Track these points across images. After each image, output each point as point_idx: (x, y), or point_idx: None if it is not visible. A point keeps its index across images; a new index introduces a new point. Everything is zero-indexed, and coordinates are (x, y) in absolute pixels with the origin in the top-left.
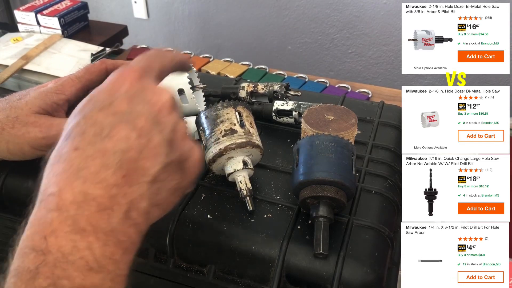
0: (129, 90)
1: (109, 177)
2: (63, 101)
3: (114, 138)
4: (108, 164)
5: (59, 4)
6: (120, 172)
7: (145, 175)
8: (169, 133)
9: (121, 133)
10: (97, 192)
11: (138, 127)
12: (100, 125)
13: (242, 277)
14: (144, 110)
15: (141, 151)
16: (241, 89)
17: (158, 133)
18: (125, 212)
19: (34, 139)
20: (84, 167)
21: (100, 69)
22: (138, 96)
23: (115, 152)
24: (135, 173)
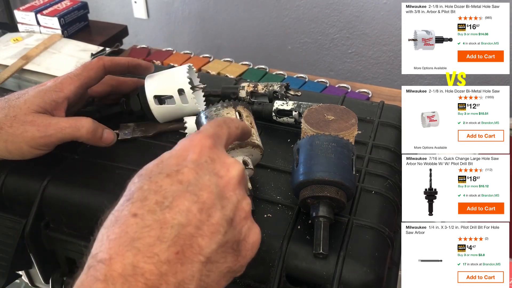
0: (199, 159)
1: (163, 252)
2: (62, 99)
3: (175, 209)
4: (164, 237)
5: (59, 4)
6: (175, 248)
7: (199, 254)
8: (231, 210)
9: (183, 204)
10: (147, 267)
11: (201, 201)
12: (163, 193)
13: (242, 277)
14: (210, 182)
15: (200, 227)
16: (241, 89)
17: (220, 209)
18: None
19: (32, 138)
20: (139, 238)
21: (98, 66)
22: (207, 166)
23: (173, 226)
24: (189, 251)
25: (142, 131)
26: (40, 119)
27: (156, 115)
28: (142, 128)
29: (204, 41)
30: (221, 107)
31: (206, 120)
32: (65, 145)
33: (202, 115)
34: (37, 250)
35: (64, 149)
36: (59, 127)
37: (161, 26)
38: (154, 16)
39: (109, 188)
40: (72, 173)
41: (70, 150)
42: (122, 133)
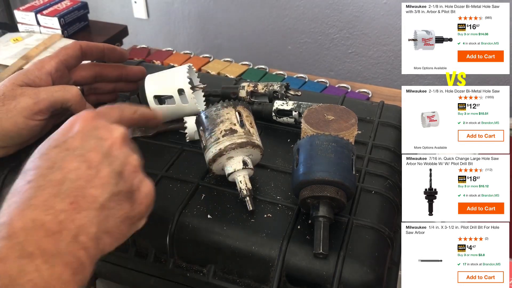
0: (83, 129)
1: (57, 204)
2: (45, 75)
3: (65, 169)
4: (57, 192)
5: (59, 4)
6: (68, 199)
7: (93, 203)
8: (119, 165)
9: (71, 165)
10: (46, 218)
11: (89, 160)
12: (52, 160)
13: (242, 277)
14: (96, 144)
15: (90, 181)
16: (241, 89)
17: (108, 165)
18: (74, 236)
19: (25, 107)
20: (34, 197)
21: (75, 45)
22: (90, 133)
23: (64, 182)
24: (83, 200)
25: (142, 131)
26: (29, 90)
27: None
28: (142, 128)
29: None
30: (221, 107)
31: (206, 120)
32: None
33: (202, 115)
34: None
35: None
36: (50, 91)
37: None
38: (154, 16)
39: None
40: None
41: None
42: None
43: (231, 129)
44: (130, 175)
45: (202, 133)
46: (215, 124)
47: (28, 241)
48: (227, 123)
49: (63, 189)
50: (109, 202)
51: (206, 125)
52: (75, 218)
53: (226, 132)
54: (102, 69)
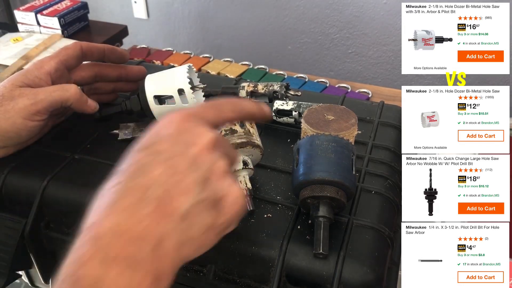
0: (172, 132)
1: (142, 210)
2: (44, 75)
3: (150, 175)
4: (142, 198)
5: (59, 4)
6: (152, 206)
7: (177, 210)
8: (204, 172)
9: (157, 170)
10: (130, 223)
11: (174, 166)
12: (140, 163)
13: (242, 277)
14: (182, 150)
15: (174, 188)
16: (241, 89)
17: (193, 172)
18: (156, 244)
19: (23, 108)
20: (120, 200)
21: (75, 46)
22: (179, 137)
23: (149, 187)
24: (166, 208)
25: (142, 131)
26: (27, 90)
27: (156, 115)
28: (142, 128)
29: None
30: None
31: None
32: (65, 145)
33: None
34: (37, 250)
35: (64, 149)
36: (48, 91)
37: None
38: (154, 16)
39: None
40: (72, 173)
41: (70, 150)
42: (122, 133)
43: (231, 129)
44: (216, 182)
45: None
46: None
47: (112, 246)
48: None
49: (147, 195)
50: (193, 210)
51: None
52: (158, 225)
53: (226, 132)
54: (102, 69)
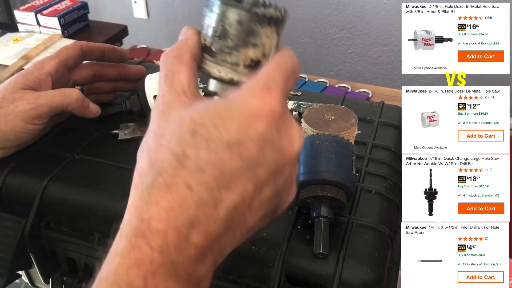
0: (267, 132)
1: (214, 229)
2: (45, 76)
3: (233, 189)
4: (218, 217)
5: (59, 4)
6: (225, 226)
7: (244, 227)
8: (282, 185)
9: (240, 184)
10: (199, 241)
11: (259, 179)
12: (222, 169)
13: (242, 277)
14: (271, 159)
15: (250, 205)
16: None
17: (273, 185)
18: (214, 260)
19: (24, 111)
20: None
21: (75, 46)
22: (272, 141)
23: (228, 207)
24: (236, 225)
25: (142, 131)
26: (28, 94)
27: None
28: (142, 128)
29: None
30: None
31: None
32: (65, 145)
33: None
34: (37, 250)
35: (64, 149)
36: (49, 96)
37: (161, 26)
38: (154, 16)
39: (109, 188)
40: (72, 173)
41: (70, 150)
42: (122, 133)
43: (259, 61)
44: (284, 193)
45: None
46: (245, 41)
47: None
48: (260, 49)
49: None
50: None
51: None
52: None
53: (252, 63)
54: (102, 68)
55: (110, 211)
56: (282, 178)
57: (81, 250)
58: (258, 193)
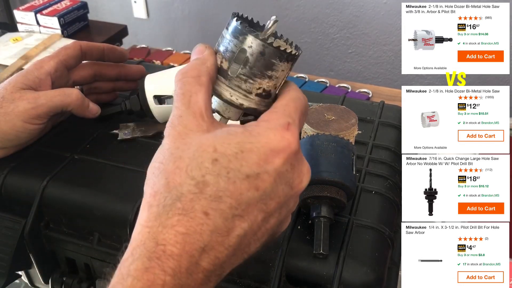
0: (282, 167)
1: (223, 255)
2: (44, 75)
3: (245, 218)
4: (228, 244)
5: (59, 4)
6: (233, 252)
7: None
8: (285, 215)
9: (252, 214)
10: (207, 266)
11: (268, 210)
12: (238, 199)
13: (242, 277)
14: (282, 192)
15: (256, 233)
16: None
17: (278, 216)
18: (215, 282)
19: (23, 111)
20: (207, 241)
21: (75, 45)
22: (285, 175)
23: (239, 235)
24: (241, 252)
25: (142, 131)
26: (28, 93)
27: (156, 115)
28: (142, 128)
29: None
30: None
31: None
32: (65, 145)
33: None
34: (37, 250)
35: (64, 149)
36: (49, 96)
37: (161, 26)
38: (154, 16)
39: (109, 188)
40: (72, 173)
41: (70, 150)
42: (122, 133)
43: (270, 92)
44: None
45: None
46: (263, 72)
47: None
48: (274, 81)
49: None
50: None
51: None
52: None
53: (263, 92)
54: (101, 68)
55: (110, 211)
56: (287, 209)
57: (81, 250)
58: (265, 222)
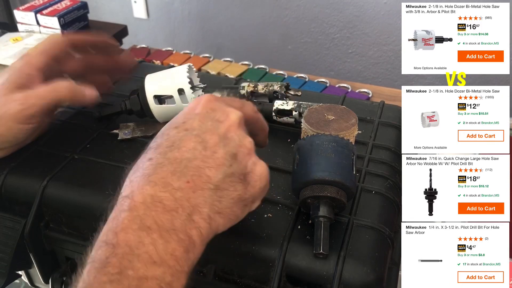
0: (201, 111)
1: (175, 182)
2: (36, 71)
3: (182, 149)
4: (175, 171)
5: (59, 4)
6: (185, 178)
7: (208, 183)
8: (233, 147)
9: (189, 145)
10: (163, 195)
11: (205, 140)
12: (172, 139)
13: (242, 277)
14: (212, 126)
15: (206, 161)
16: (241, 89)
17: (223, 147)
18: (188, 215)
19: (16, 112)
20: (153, 173)
21: (62, 37)
22: (208, 115)
23: (182, 161)
24: (198, 180)
25: (142, 131)
26: (18, 95)
27: (156, 115)
28: (142, 128)
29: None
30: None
31: None
32: (65, 145)
33: None
34: (37, 250)
35: (64, 149)
36: (40, 95)
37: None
38: (154, 16)
39: (109, 188)
40: (72, 173)
41: (70, 150)
42: (122, 133)
43: None
44: (244, 157)
45: None
46: None
47: (147, 215)
48: None
49: (180, 168)
50: (223, 183)
51: None
52: (190, 196)
53: None
54: (93, 59)
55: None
56: (232, 142)
57: (81, 250)
58: (211, 151)
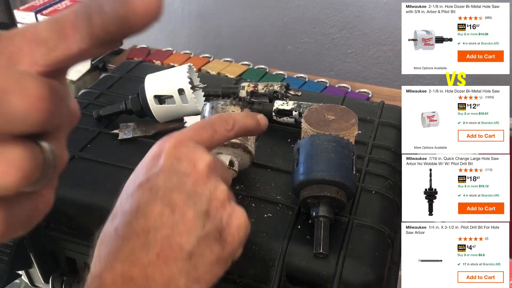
0: (165, 163)
1: (144, 257)
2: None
3: (149, 216)
4: (143, 243)
5: (59, 4)
6: (154, 251)
7: (180, 251)
8: (204, 204)
9: (155, 210)
10: (134, 273)
11: (172, 202)
12: (137, 204)
13: (242, 277)
14: (179, 182)
15: (175, 227)
16: (241, 89)
17: (193, 205)
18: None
19: None
20: (121, 248)
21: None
22: (173, 168)
23: (149, 231)
24: (169, 251)
25: (142, 130)
26: None
27: (156, 115)
28: (142, 128)
29: (204, 41)
30: (230, 103)
31: (211, 111)
32: None
33: (208, 105)
34: (37, 250)
35: None
36: None
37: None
38: None
39: (109, 188)
40: (72, 173)
41: (70, 150)
42: (122, 133)
43: None
44: (217, 212)
45: None
46: None
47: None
48: None
49: (148, 239)
50: (197, 248)
51: (208, 115)
52: (163, 270)
53: None
54: None
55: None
56: (202, 197)
57: (81, 250)
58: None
